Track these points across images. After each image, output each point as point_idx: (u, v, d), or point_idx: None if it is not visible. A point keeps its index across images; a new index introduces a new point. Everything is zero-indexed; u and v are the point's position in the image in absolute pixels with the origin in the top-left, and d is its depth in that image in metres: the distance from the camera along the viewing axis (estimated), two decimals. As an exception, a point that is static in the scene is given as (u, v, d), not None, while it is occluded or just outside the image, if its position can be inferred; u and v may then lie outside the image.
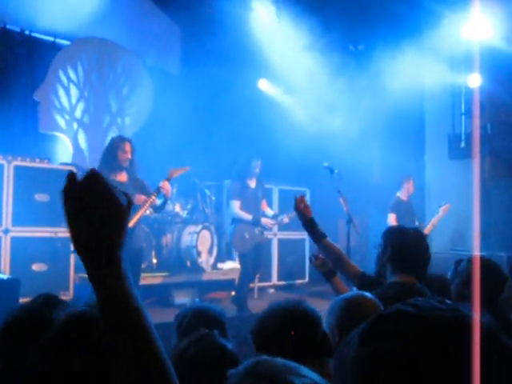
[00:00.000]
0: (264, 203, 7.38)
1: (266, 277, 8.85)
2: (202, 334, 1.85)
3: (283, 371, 0.99)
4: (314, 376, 1.01)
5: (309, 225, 3.30)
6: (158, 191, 5.36)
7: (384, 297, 2.30)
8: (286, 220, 7.16)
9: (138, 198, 5.28)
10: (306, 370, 1.02)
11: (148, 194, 5.39)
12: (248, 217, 6.93)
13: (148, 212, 7.70)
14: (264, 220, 7.09)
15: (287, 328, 1.80)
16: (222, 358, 1.76)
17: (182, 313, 2.40)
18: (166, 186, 5.36)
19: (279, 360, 1.05)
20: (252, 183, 7.13)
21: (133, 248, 5.32)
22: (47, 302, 1.85)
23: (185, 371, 1.72)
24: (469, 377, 0.78)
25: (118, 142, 5.42)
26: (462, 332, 0.82)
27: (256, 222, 6.98)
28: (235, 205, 6.97)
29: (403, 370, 0.81)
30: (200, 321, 2.17)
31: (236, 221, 7.03)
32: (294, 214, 6.94)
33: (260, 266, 7.36)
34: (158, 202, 5.66)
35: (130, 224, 5.20)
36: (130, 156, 5.36)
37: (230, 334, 2.44)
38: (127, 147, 5.37)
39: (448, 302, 0.91)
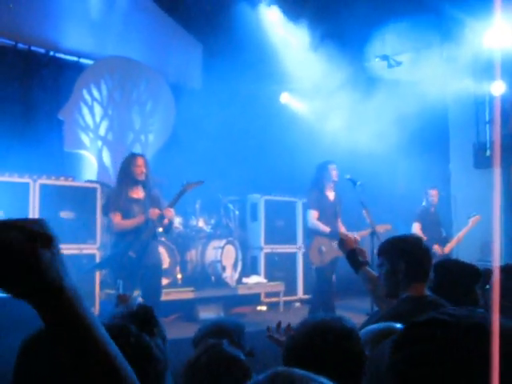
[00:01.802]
0: (339, 221, 6.82)
1: (292, 290, 8.79)
2: (212, 344, 1.89)
3: (302, 380, 0.98)
4: None
5: (351, 255, 3.47)
6: (161, 218, 5.36)
7: (400, 312, 2.22)
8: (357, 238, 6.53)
9: (152, 212, 5.31)
10: (325, 381, 1.01)
11: (162, 209, 5.43)
12: (326, 228, 6.47)
13: (177, 226, 7.77)
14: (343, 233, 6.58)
15: (317, 343, 1.76)
16: (231, 366, 1.80)
17: (198, 332, 2.40)
18: (168, 213, 5.38)
19: (298, 370, 1.04)
20: (330, 195, 6.71)
21: (147, 264, 5.33)
22: None
23: (196, 380, 1.77)
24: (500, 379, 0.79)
25: (129, 158, 5.50)
26: (492, 337, 0.83)
27: (334, 235, 6.29)
28: (312, 215, 6.55)
29: (438, 372, 0.83)
30: (215, 337, 2.17)
31: (312, 233, 6.60)
32: (364, 232, 6.67)
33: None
34: (161, 229, 5.64)
35: (144, 237, 5.29)
36: (144, 169, 5.41)
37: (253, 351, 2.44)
38: (139, 161, 5.43)
39: (479, 310, 0.93)
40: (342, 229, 6.67)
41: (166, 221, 5.45)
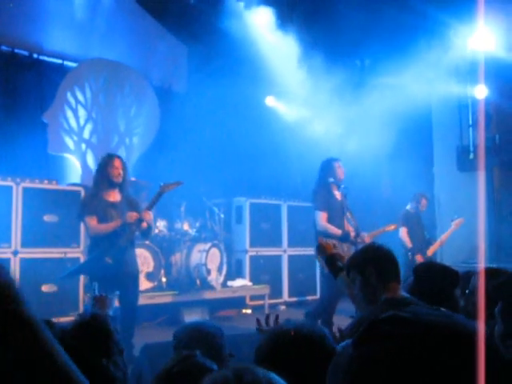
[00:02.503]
0: (346, 221, 6.38)
1: (277, 293, 8.80)
2: (184, 355, 1.90)
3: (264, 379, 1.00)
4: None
5: (329, 260, 3.59)
6: (140, 221, 5.19)
7: (378, 314, 2.22)
8: (366, 239, 6.08)
9: (130, 216, 5.13)
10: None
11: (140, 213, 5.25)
12: (337, 231, 6.08)
13: (157, 231, 7.73)
14: (354, 235, 6.18)
15: (289, 349, 1.78)
16: (202, 376, 1.79)
17: (178, 333, 2.39)
18: (146, 215, 5.18)
19: (261, 369, 1.07)
20: (338, 194, 6.27)
21: (125, 272, 5.18)
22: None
23: None
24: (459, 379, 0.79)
25: (106, 159, 5.30)
26: (454, 336, 0.84)
27: (346, 237, 6.09)
28: (321, 216, 6.12)
29: (397, 369, 0.82)
30: (196, 342, 2.17)
31: (321, 235, 6.00)
32: (375, 232, 6.49)
33: None
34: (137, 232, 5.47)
35: (121, 243, 5.14)
36: (121, 171, 5.24)
37: (233, 352, 2.44)
38: (116, 163, 5.25)
39: (442, 309, 0.93)
40: (350, 229, 6.30)
41: (144, 224, 5.26)
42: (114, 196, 5.32)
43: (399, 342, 0.85)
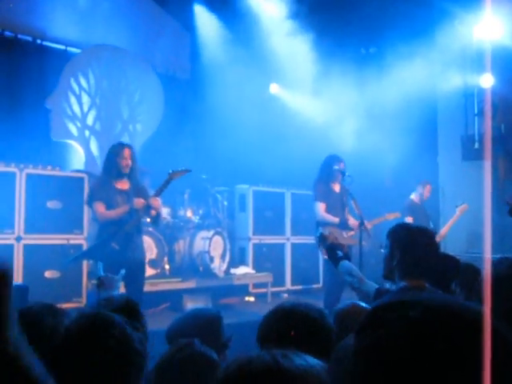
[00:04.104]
0: (347, 211, 6.68)
1: (280, 281, 8.80)
2: (184, 343, 1.94)
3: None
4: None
5: (330, 248, 3.63)
6: (148, 208, 5.25)
7: None
8: (368, 226, 6.31)
9: (137, 202, 5.19)
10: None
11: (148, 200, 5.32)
12: (334, 219, 6.42)
13: (165, 216, 7.73)
14: (352, 222, 6.47)
15: (289, 328, 1.81)
16: (202, 364, 1.85)
17: (174, 323, 2.41)
18: (154, 202, 5.25)
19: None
20: (336, 187, 6.63)
21: (131, 258, 5.19)
22: (46, 310, 1.84)
23: (167, 379, 1.83)
24: (470, 364, 0.78)
25: (116, 149, 5.34)
26: (463, 319, 0.83)
27: (343, 225, 6.43)
28: (320, 207, 6.46)
29: (405, 354, 0.81)
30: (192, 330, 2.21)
31: (321, 224, 6.42)
32: (376, 220, 6.68)
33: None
34: (148, 220, 5.55)
35: (127, 228, 5.17)
36: (129, 162, 5.28)
37: (235, 341, 2.45)
38: (126, 153, 5.28)
39: (450, 296, 0.94)
40: (351, 219, 6.53)
41: (153, 212, 5.33)
42: (123, 184, 5.37)
43: (398, 327, 0.83)
